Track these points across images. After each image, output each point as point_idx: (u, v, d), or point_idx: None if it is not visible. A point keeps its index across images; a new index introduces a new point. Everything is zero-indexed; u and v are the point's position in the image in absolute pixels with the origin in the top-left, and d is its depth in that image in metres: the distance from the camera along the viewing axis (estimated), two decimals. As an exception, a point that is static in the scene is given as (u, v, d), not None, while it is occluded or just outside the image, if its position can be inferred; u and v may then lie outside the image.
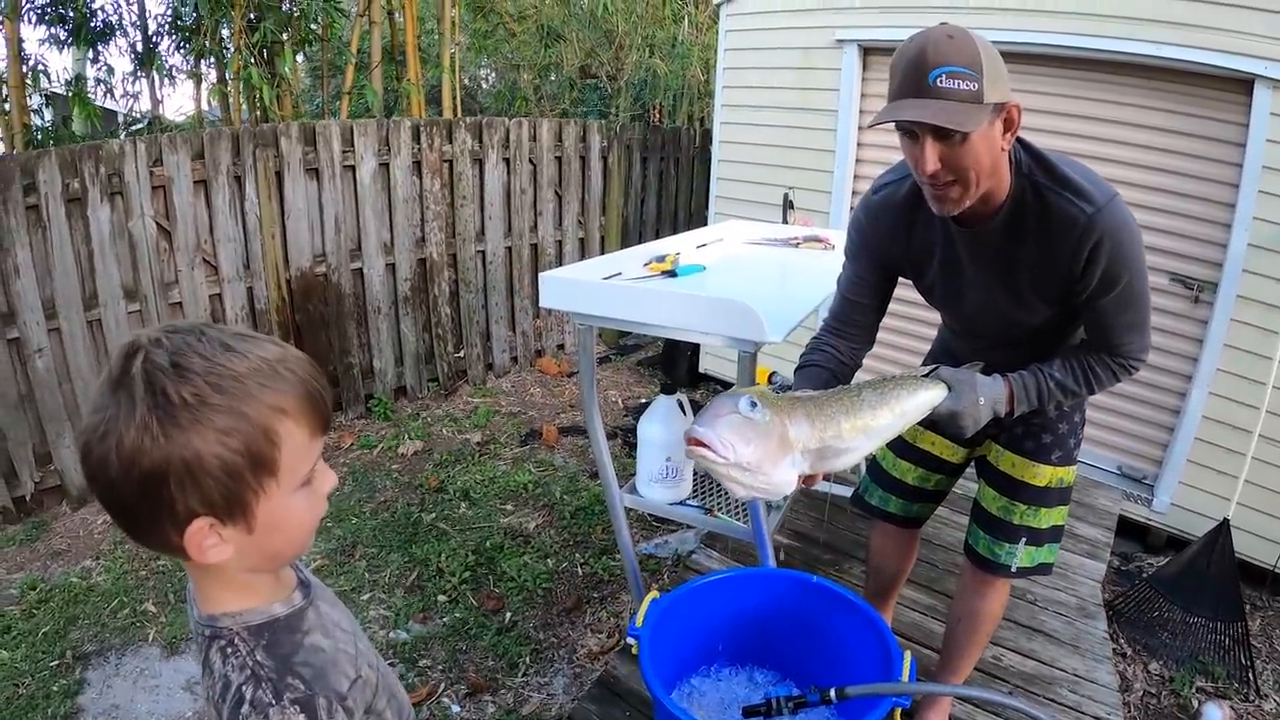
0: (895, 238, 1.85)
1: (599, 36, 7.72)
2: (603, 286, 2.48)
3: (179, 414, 0.79)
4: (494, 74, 10.26)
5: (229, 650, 0.90)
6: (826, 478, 1.82)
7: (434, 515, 4.18)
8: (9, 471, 4.02)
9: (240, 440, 0.82)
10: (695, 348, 5.82)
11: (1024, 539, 2.10)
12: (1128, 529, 4.04)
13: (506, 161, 5.68)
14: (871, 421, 1.58)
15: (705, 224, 5.10)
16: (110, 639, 3.30)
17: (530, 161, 5.83)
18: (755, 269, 3.12)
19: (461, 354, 5.83)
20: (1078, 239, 1.58)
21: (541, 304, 2.56)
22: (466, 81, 10.29)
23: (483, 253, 5.75)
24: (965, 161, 1.51)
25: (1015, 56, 4.00)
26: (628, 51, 7.53)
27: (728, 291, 2.38)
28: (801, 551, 3.36)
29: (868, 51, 4.51)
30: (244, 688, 0.87)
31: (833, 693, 1.65)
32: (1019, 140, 1.62)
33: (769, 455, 1.41)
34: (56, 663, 3.17)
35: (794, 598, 2.11)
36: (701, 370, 5.93)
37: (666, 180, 6.92)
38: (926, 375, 1.72)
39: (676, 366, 5.98)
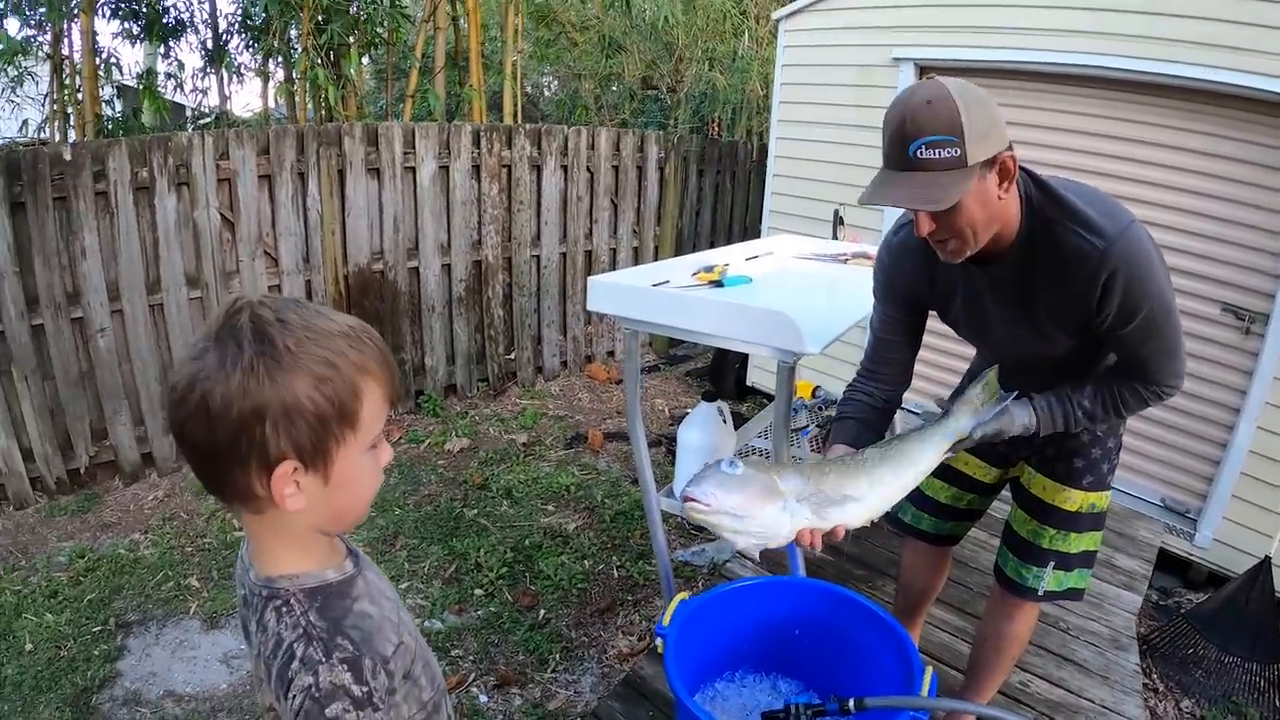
0: (919, 277, 1.86)
1: (659, 49, 7.78)
2: (648, 292, 2.52)
3: (282, 359, 0.87)
4: (557, 82, 10.38)
5: (284, 610, 0.96)
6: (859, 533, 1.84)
7: (476, 511, 4.23)
8: (65, 444, 4.17)
9: (332, 389, 0.91)
10: (743, 360, 5.82)
11: (1052, 563, 2.09)
12: (1168, 563, 3.95)
13: (564, 169, 5.75)
14: (879, 469, 1.64)
15: (759, 238, 5.11)
16: (153, 609, 3.41)
17: (588, 169, 5.90)
18: (801, 283, 3.12)
19: (512, 356, 5.90)
20: (1090, 273, 1.57)
21: (588, 307, 2.62)
22: (529, 89, 10.43)
23: (537, 257, 5.82)
24: (959, 222, 1.53)
25: (1062, 78, 3.97)
26: (687, 64, 7.58)
27: (770, 303, 2.40)
28: (834, 565, 3.35)
29: (924, 70, 4.49)
30: (295, 645, 0.93)
31: (851, 703, 1.64)
32: (1028, 174, 1.63)
33: (752, 500, 1.49)
34: (99, 629, 3.29)
35: (821, 608, 2.11)
36: (749, 383, 5.93)
37: (722, 193, 6.95)
38: (948, 415, 1.76)
39: (724, 378, 5.98)
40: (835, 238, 3.99)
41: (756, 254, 3.39)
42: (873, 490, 1.62)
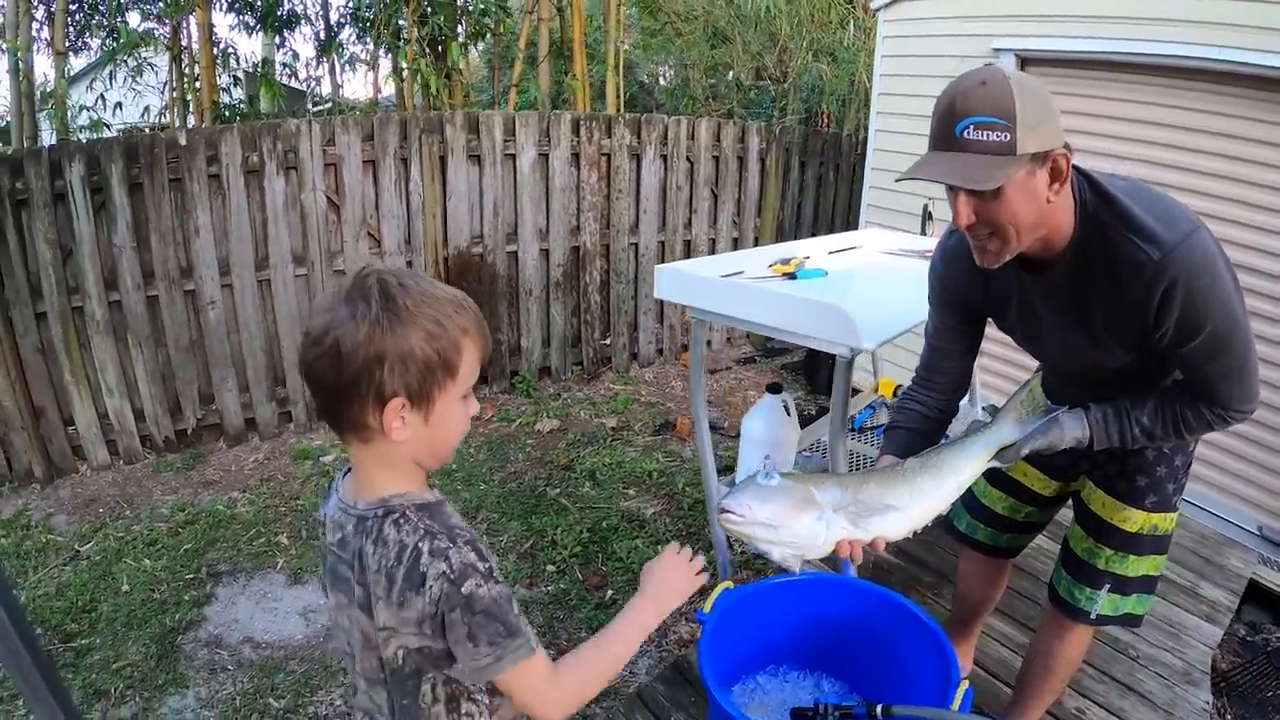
0: (973, 282, 1.77)
1: (764, 39, 7.71)
2: (711, 282, 2.55)
3: (402, 315, 1.07)
4: (671, 71, 10.41)
5: (402, 521, 1.13)
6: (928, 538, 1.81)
7: (558, 491, 4.31)
8: (175, 407, 4.50)
9: (439, 344, 1.09)
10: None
11: (1108, 585, 1.97)
12: (1260, 596, 3.65)
13: (664, 158, 5.79)
14: (919, 479, 1.61)
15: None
16: (243, 562, 3.63)
17: (688, 159, 5.92)
18: (878, 278, 3.07)
19: (608, 341, 5.98)
20: (1146, 285, 1.46)
21: (655, 294, 2.67)
22: (645, 79, 10.50)
23: (635, 245, 5.88)
24: (1001, 216, 1.44)
25: (1176, 72, 3.74)
26: (792, 55, 7.49)
27: (832, 296, 2.37)
28: (903, 570, 3.28)
29: (1025, 62, 4.34)
30: (420, 544, 1.10)
31: (879, 709, 1.65)
32: (1085, 176, 1.53)
33: (787, 511, 1.48)
34: (191, 576, 3.54)
35: (867, 610, 2.08)
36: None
37: (825, 185, 6.87)
38: (991, 425, 1.71)
39: (818, 373, 5.91)
40: (924, 233, 3.90)
41: (842, 247, 3.36)
42: (914, 500, 1.59)
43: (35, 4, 5.33)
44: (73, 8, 5.53)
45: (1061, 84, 4.11)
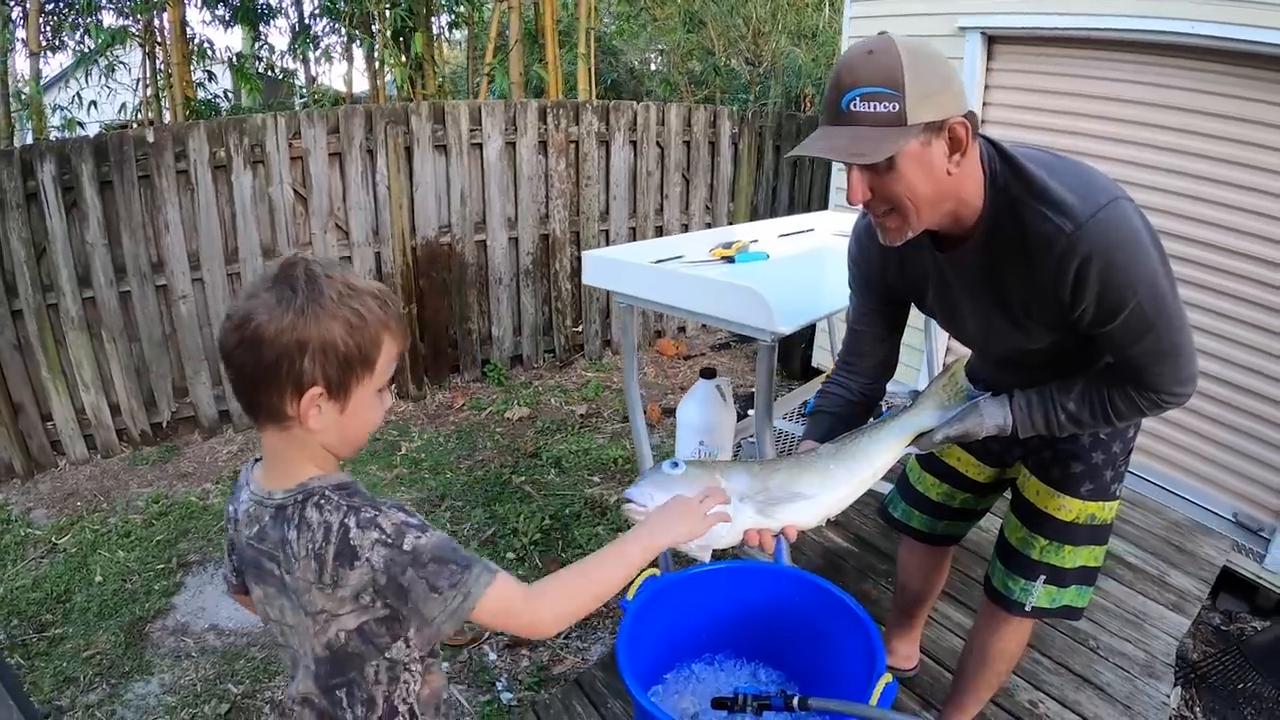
0: (887, 264, 1.72)
1: (739, 23, 7.74)
2: (634, 267, 2.56)
3: (327, 304, 1.08)
4: (661, 57, 10.42)
5: (323, 502, 1.14)
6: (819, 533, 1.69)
7: (523, 478, 4.40)
8: (150, 400, 4.62)
9: (360, 336, 1.11)
10: (809, 341, 5.80)
11: (1043, 576, 1.91)
12: (1236, 584, 3.63)
13: (633, 144, 5.84)
14: (831, 466, 1.56)
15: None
16: (213, 553, 3.74)
17: (658, 145, 5.97)
18: (819, 262, 3.06)
19: (580, 329, 6.05)
20: (1058, 260, 1.38)
21: (584, 281, 2.69)
22: (636, 64, 10.51)
23: (606, 232, 5.94)
24: (896, 190, 1.37)
25: (1149, 47, 3.59)
26: (766, 39, 7.52)
27: (754, 280, 2.33)
28: (857, 558, 3.25)
29: (993, 40, 4.28)
30: (346, 520, 1.12)
31: (795, 700, 1.62)
32: (997, 149, 1.45)
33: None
34: (163, 566, 3.65)
35: (801, 597, 2.02)
36: (814, 365, 5.92)
37: (801, 168, 6.90)
38: (909, 410, 1.68)
39: (790, 359, 5.97)
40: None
41: (794, 230, 3.37)
42: (825, 488, 1.55)
43: (10, 4, 5.39)
44: (48, 7, 5.58)
45: (1033, 63, 4.08)
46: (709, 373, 2.89)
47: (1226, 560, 3.42)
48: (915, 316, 2.00)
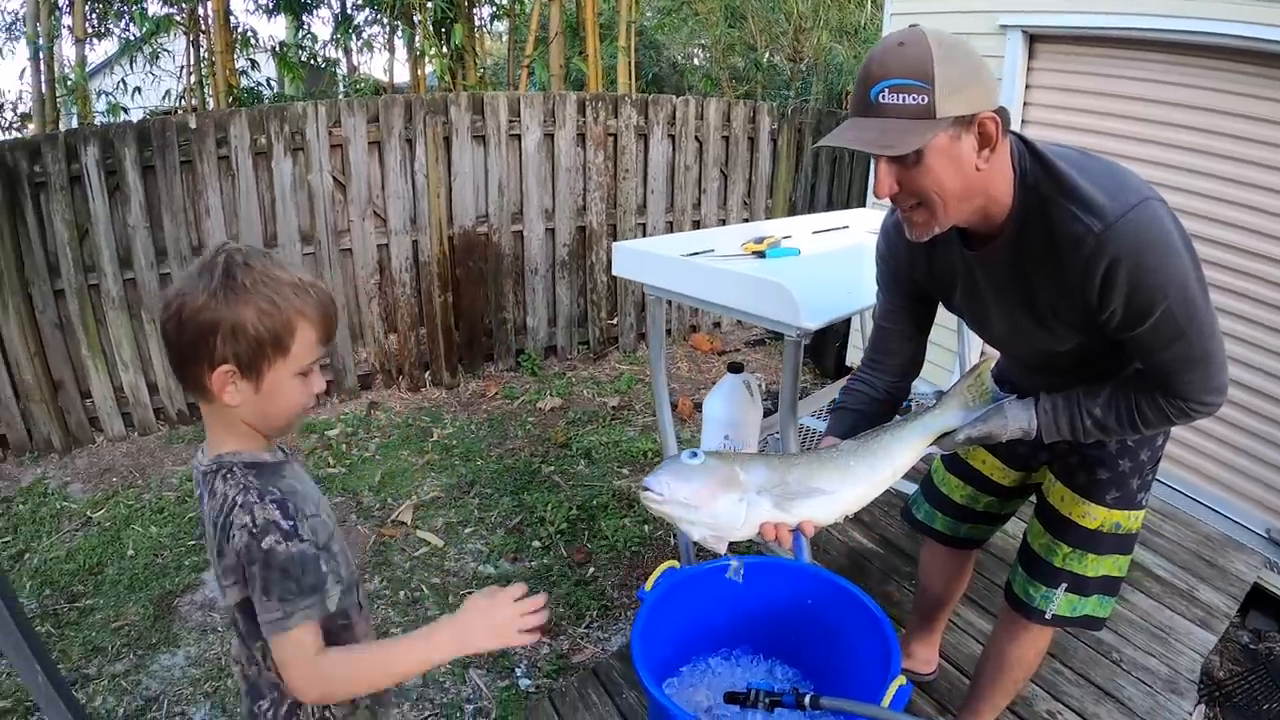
0: (915, 262, 1.70)
1: (779, 18, 7.70)
2: (662, 259, 2.56)
3: (239, 290, 1.17)
4: (704, 52, 10.40)
5: (228, 476, 1.23)
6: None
7: (552, 468, 4.42)
8: None
9: (271, 321, 1.19)
10: (843, 339, 5.77)
11: (1064, 584, 1.88)
12: (1267, 603, 3.50)
13: (672, 138, 5.84)
14: (851, 462, 1.54)
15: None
16: (243, 529, 3.81)
17: (696, 139, 5.96)
18: (852, 259, 3.03)
19: (615, 321, 6.07)
20: (1086, 261, 1.36)
21: (613, 271, 2.70)
22: (679, 59, 10.50)
23: (643, 225, 5.94)
24: (923, 184, 1.35)
25: (1193, 49, 3.52)
26: (807, 35, 7.47)
27: (783, 275, 2.34)
28: (883, 559, 3.23)
29: (1034, 39, 4.24)
30: (236, 497, 1.20)
31: (808, 699, 1.63)
32: (1028, 146, 1.43)
33: (707, 491, 1.43)
34: (194, 543, 3.72)
35: (819, 595, 2.03)
36: (848, 363, 5.88)
37: (840, 166, 6.85)
38: (932, 409, 1.66)
39: (824, 357, 5.95)
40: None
41: (828, 227, 3.36)
42: (845, 484, 1.53)
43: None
44: (93, -5, 5.71)
45: (1075, 63, 4.02)
46: (736, 367, 2.90)
47: (1258, 577, 3.34)
48: (948, 318, 1.97)
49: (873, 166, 5.15)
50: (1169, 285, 1.34)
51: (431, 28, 5.70)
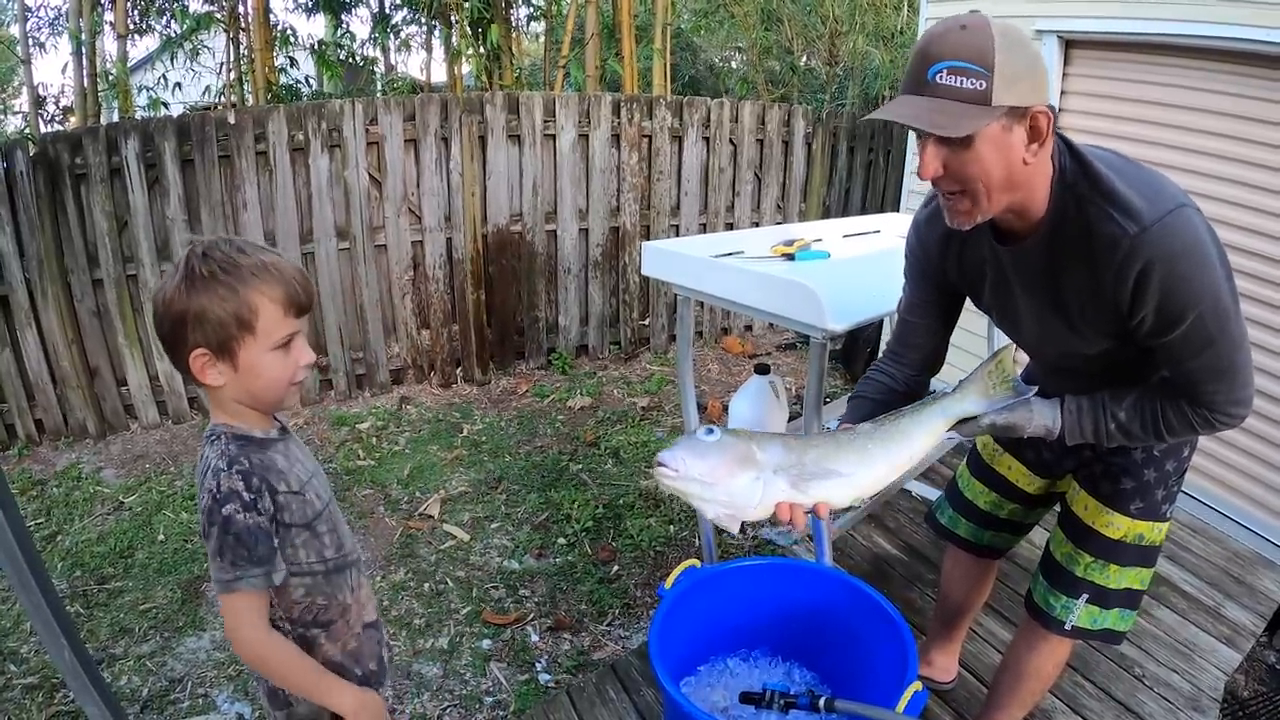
0: (946, 255, 1.68)
1: (815, 22, 7.67)
2: (690, 259, 2.56)
3: (197, 280, 1.25)
4: (740, 55, 10.39)
5: (215, 441, 1.33)
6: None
7: (580, 466, 4.43)
8: None
9: (230, 305, 1.26)
10: (875, 344, 5.74)
11: (1085, 595, 1.86)
12: None
13: (706, 140, 5.84)
14: (869, 445, 1.52)
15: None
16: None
17: (731, 142, 5.96)
18: (881, 263, 2.93)
19: (646, 322, 6.08)
20: (1120, 264, 1.34)
21: (643, 271, 2.70)
22: (717, 61, 10.49)
23: (676, 227, 5.95)
24: (970, 169, 1.33)
25: (1233, 55, 3.45)
26: (843, 38, 7.44)
27: (810, 277, 2.31)
28: (906, 565, 3.23)
29: (1070, 44, 4.20)
30: (214, 461, 1.30)
31: (822, 701, 1.63)
32: (1067, 145, 1.42)
33: (723, 468, 1.40)
34: (223, 528, 3.76)
35: (838, 599, 2.02)
36: (877, 368, 5.83)
37: (875, 171, 6.83)
38: (951, 394, 1.63)
39: (855, 360, 5.92)
40: (953, 217, 3.88)
41: (858, 231, 3.35)
42: (862, 467, 1.49)
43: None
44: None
45: (1111, 69, 3.97)
46: (763, 369, 2.90)
47: (1286, 596, 3.27)
48: (975, 325, 1.94)
49: (907, 175, 5.13)
50: (1202, 294, 1.33)
51: (468, 28, 5.73)
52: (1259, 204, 3.44)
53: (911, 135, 5.17)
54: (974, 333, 3.83)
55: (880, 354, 1.94)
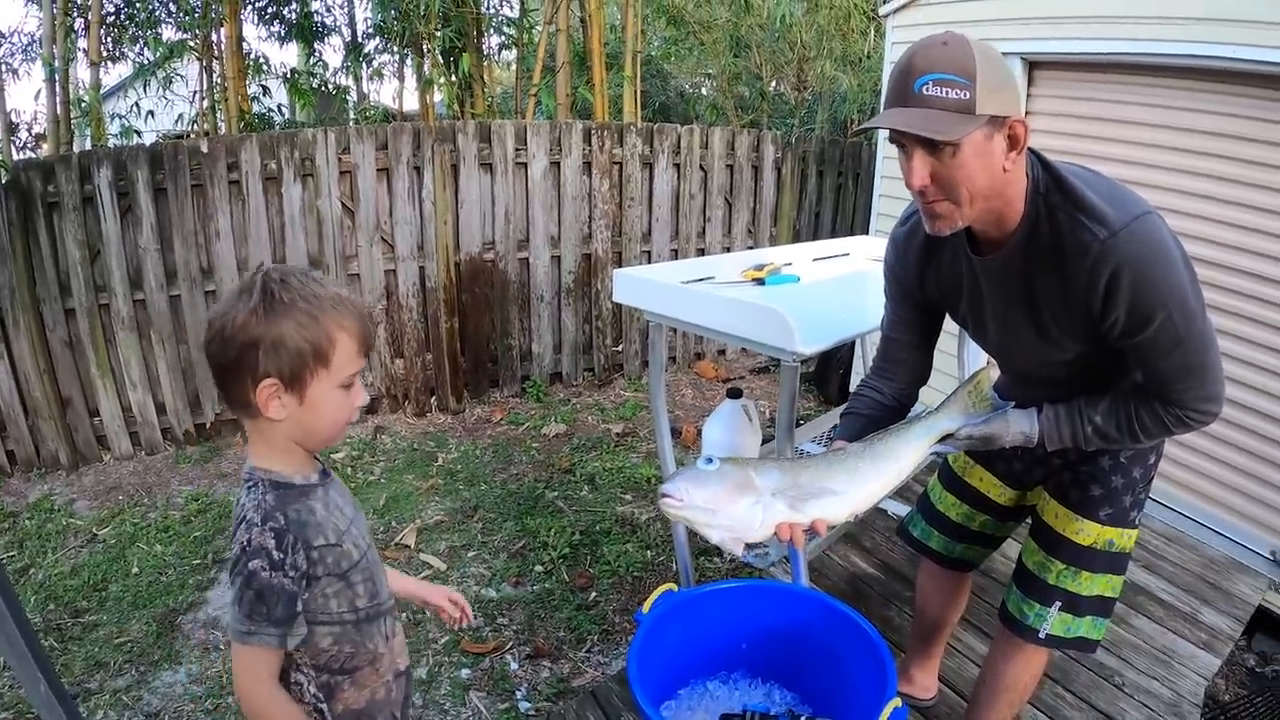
0: (924, 271, 1.74)
1: (784, 48, 7.78)
2: (660, 286, 2.60)
3: (278, 306, 1.21)
4: (711, 82, 10.50)
5: (252, 489, 1.28)
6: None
7: (556, 493, 4.43)
8: (195, 401, 4.77)
9: (310, 334, 1.23)
10: (847, 366, 5.79)
11: (1059, 603, 1.89)
12: (1272, 625, 3.49)
13: (677, 167, 5.90)
14: (859, 464, 1.60)
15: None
16: (249, 550, 3.85)
17: (701, 168, 6.02)
18: (851, 285, 3.05)
19: (620, 348, 6.10)
20: (1091, 269, 1.41)
21: (614, 298, 2.73)
22: (688, 88, 10.59)
23: (648, 253, 5.99)
24: (955, 176, 1.39)
25: (1190, 73, 3.56)
26: (811, 64, 7.55)
27: (778, 301, 2.38)
28: (883, 584, 3.24)
29: (1034, 65, 4.30)
30: (249, 512, 1.25)
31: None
32: (1039, 159, 1.50)
33: (724, 495, 1.49)
34: (198, 561, 3.76)
35: (816, 619, 2.03)
36: (851, 391, 5.87)
37: (845, 195, 6.91)
38: (934, 412, 1.70)
39: (828, 382, 5.98)
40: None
41: (829, 254, 3.39)
42: (853, 485, 1.58)
43: (74, 16, 5.61)
44: (109, 20, 5.80)
45: (1074, 89, 4.08)
46: (735, 393, 2.91)
47: (1262, 599, 3.34)
48: (947, 342, 1.99)
49: (877, 197, 5.21)
50: (1170, 295, 1.40)
51: (440, 57, 5.77)
52: (1222, 216, 3.54)
53: (881, 156, 5.27)
54: (947, 353, 3.90)
55: (868, 370, 1.99)
